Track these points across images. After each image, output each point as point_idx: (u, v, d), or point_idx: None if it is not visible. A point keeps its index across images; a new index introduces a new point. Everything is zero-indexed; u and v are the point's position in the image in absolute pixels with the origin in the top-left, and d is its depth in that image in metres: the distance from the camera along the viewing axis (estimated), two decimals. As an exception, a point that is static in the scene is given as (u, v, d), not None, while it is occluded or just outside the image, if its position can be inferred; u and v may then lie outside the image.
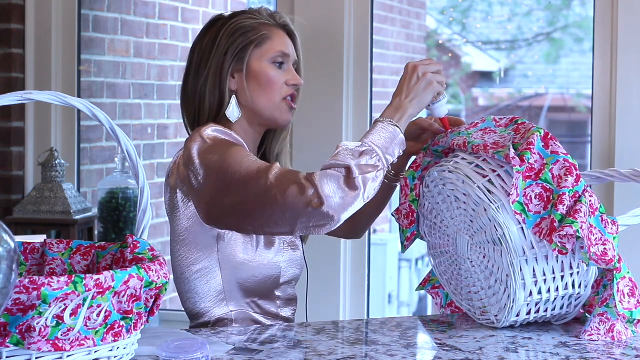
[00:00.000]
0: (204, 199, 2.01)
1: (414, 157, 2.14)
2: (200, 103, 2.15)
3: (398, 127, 1.97)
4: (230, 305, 2.10)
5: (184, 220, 2.07)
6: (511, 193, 1.85)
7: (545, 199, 1.87)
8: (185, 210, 2.07)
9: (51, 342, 1.39)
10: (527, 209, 1.86)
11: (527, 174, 1.88)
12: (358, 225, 2.32)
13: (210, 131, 2.05)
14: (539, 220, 1.86)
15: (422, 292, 2.18)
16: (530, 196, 1.87)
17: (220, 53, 2.13)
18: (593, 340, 1.87)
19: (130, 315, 1.48)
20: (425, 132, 2.13)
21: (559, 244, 1.83)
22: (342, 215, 1.87)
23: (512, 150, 1.88)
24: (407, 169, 2.11)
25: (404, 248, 2.11)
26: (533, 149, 1.89)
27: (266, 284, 2.12)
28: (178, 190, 2.07)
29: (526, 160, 1.87)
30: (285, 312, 2.17)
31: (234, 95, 2.13)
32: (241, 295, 2.11)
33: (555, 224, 1.84)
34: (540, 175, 1.88)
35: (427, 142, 2.11)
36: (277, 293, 2.15)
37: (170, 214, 2.11)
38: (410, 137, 2.14)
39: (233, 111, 2.13)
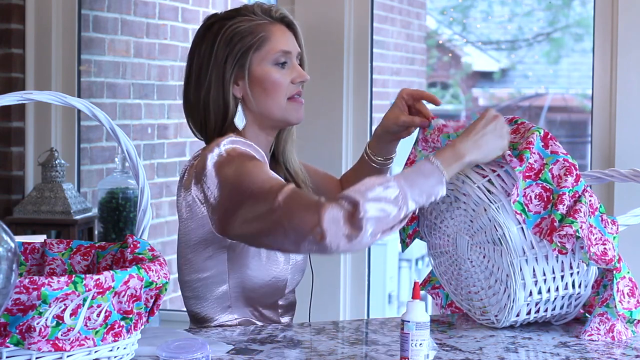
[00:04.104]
0: (218, 212, 1.97)
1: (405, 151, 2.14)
2: (205, 113, 2.09)
3: (444, 175, 1.85)
4: (235, 313, 2.08)
5: (198, 227, 2.03)
6: (512, 193, 1.85)
7: (545, 199, 1.87)
8: (200, 217, 2.02)
9: (51, 342, 1.40)
10: (526, 209, 1.86)
11: (527, 174, 1.88)
12: None
13: (229, 142, 2.00)
14: (539, 220, 1.86)
15: (422, 292, 2.18)
16: (530, 196, 1.87)
17: (219, 62, 2.07)
18: (593, 340, 1.87)
19: (130, 315, 1.48)
20: (409, 126, 2.12)
21: (559, 244, 1.83)
22: (342, 250, 1.80)
23: (508, 151, 1.88)
24: (403, 167, 2.09)
25: (405, 246, 2.10)
26: (532, 148, 1.89)
27: (272, 294, 2.10)
28: (193, 196, 2.02)
29: (525, 159, 1.87)
30: (285, 319, 2.16)
31: (239, 104, 2.09)
32: (245, 304, 2.08)
33: (555, 224, 1.84)
34: (540, 175, 1.88)
35: (411, 130, 2.11)
36: (280, 302, 2.14)
37: (183, 218, 2.06)
38: (392, 132, 2.16)
39: (239, 119, 2.08)
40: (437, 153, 1.88)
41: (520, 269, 1.87)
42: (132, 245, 1.62)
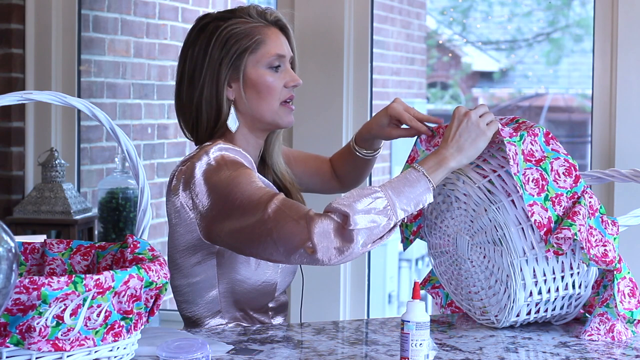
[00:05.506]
0: (206, 220, 1.98)
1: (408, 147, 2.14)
2: (197, 114, 2.09)
3: (430, 181, 1.87)
4: (225, 317, 2.09)
5: (186, 233, 2.03)
6: (512, 165, 1.85)
7: (540, 187, 1.87)
8: (188, 223, 2.02)
9: (51, 342, 1.39)
10: (524, 187, 1.86)
11: (528, 158, 1.88)
12: (345, 189, 2.36)
13: (217, 150, 2.01)
14: (532, 201, 1.86)
15: (422, 291, 2.18)
16: (529, 177, 1.87)
17: (214, 63, 2.06)
18: (593, 340, 1.87)
19: (130, 315, 1.48)
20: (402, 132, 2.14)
21: (555, 245, 1.83)
22: (334, 262, 1.81)
23: (501, 127, 1.90)
24: (404, 163, 2.09)
25: (409, 243, 2.09)
26: (535, 138, 1.89)
27: (262, 298, 2.10)
28: (182, 202, 2.02)
29: (520, 136, 1.87)
30: (277, 320, 2.16)
31: (232, 105, 2.09)
32: (235, 308, 2.08)
33: (551, 224, 1.84)
34: (541, 164, 1.88)
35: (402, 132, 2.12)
36: (271, 305, 2.14)
37: (172, 223, 2.07)
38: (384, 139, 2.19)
39: (232, 121, 2.08)
40: (422, 161, 1.90)
41: (521, 270, 1.87)
42: (132, 245, 1.62)
